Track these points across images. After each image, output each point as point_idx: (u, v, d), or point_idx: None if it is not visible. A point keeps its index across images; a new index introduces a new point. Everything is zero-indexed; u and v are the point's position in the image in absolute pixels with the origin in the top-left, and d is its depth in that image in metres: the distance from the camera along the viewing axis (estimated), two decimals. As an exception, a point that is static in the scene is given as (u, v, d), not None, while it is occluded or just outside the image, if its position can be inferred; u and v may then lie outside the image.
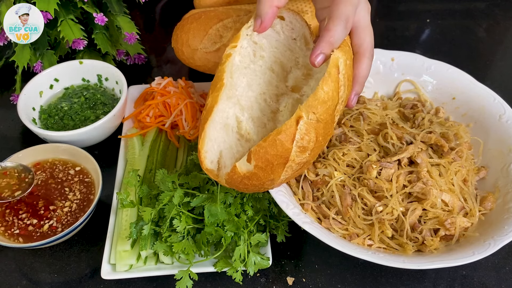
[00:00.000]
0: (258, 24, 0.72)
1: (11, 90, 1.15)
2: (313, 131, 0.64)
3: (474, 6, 1.52)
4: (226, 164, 0.71)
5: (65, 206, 0.87)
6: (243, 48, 0.76)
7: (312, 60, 0.65)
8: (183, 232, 0.79)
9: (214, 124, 0.72)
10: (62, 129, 1.02)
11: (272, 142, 0.63)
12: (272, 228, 0.85)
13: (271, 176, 0.66)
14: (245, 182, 0.67)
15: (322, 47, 0.65)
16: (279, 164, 0.65)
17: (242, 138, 0.74)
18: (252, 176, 0.66)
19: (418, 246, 0.79)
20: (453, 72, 1.01)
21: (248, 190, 0.72)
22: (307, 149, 0.65)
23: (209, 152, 0.72)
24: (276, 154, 0.63)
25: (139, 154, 0.97)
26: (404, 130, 0.88)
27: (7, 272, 0.84)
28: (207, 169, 0.71)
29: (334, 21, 0.65)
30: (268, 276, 0.83)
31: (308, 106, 0.63)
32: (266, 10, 0.70)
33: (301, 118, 0.62)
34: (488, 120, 0.94)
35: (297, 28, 0.80)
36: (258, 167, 0.64)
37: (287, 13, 0.79)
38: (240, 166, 0.65)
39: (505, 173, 0.87)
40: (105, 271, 0.79)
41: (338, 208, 0.82)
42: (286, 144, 0.63)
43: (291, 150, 0.63)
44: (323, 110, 0.64)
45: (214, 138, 0.72)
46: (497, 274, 0.83)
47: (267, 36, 0.78)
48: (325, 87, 0.64)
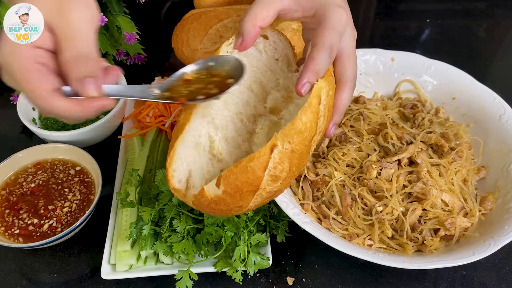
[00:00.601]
0: (239, 43, 0.69)
1: (11, 90, 1.15)
2: (287, 160, 0.61)
3: (474, 6, 1.52)
4: (195, 185, 0.68)
5: (65, 206, 0.87)
6: None
7: (298, 90, 0.62)
8: (183, 232, 0.79)
9: (185, 142, 0.69)
10: (61, 129, 1.02)
11: (243, 168, 0.60)
12: (272, 228, 0.85)
13: (239, 202, 0.63)
14: (212, 206, 0.64)
15: (308, 77, 0.62)
16: (249, 191, 0.62)
17: (214, 158, 0.71)
18: (220, 201, 0.63)
19: (418, 246, 0.79)
20: (453, 72, 1.01)
21: (215, 214, 0.69)
22: (279, 179, 0.62)
23: (177, 171, 0.68)
24: (247, 181, 0.60)
25: (139, 154, 0.97)
26: (404, 130, 0.88)
27: (7, 272, 0.84)
28: (174, 189, 0.67)
29: (318, 49, 0.63)
30: (268, 276, 0.83)
31: (284, 135, 0.60)
32: (249, 29, 0.67)
33: (275, 147, 0.59)
34: (488, 120, 0.94)
35: (280, 48, 0.77)
36: (226, 192, 0.61)
37: (271, 33, 0.76)
38: (208, 190, 0.62)
39: (505, 173, 0.87)
40: (105, 271, 0.79)
41: (338, 208, 0.82)
42: (257, 172, 0.60)
43: (263, 178, 0.60)
44: (299, 141, 0.61)
45: (183, 157, 0.69)
46: (497, 274, 0.83)
47: (248, 54, 0.75)
48: (303, 118, 0.61)
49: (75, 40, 0.54)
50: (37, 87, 0.53)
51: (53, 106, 0.53)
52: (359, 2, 1.54)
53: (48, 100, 0.53)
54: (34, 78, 0.53)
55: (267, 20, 0.67)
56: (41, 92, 0.53)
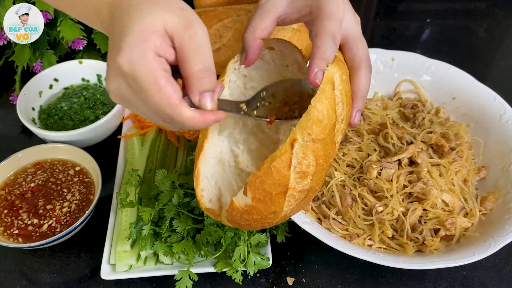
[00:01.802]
0: (243, 58, 0.68)
1: (11, 90, 1.15)
2: (311, 153, 0.58)
3: (474, 6, 1.52)
4: (227, 202, 0.66)
5: (64, 206, 0.87)
6: (231, 82, 0.72)
7: (312, 80, 0.61)
8: (183, 233, 0.79)
9: (207, 159, 0.67)
10: (61, 129, 1.02)
11: (267, 170, 0.57)
12: (272, 228, 0.85)
13: (272, 208, 0.60)
14: (245, 218, 0.61)
15: (317, 64, 0.61)
16: (279, 193, 0.59)
17: (242, 172, 0.69)
18: (252, 210, 0.60)
19: (418, 246, 0.79)
20: (453, 72, 1.01)
21: (252, 227, 0.65)
22: (307, 174, 0.59)
23: (206, 190, 0.66)
24: (274, 183, 0.58)
25: (139, 154, 0.97)
26: (404, 130, 0.88)
27: (7, 272, 0.84)
28: (206, 209, 0.66)
29: (321, 37, 0.62)
30: (268, 277, 0.83)
31: (302, 127, 0.58)
32: (250, 43, 0.66)
33: (295, 141, 0.57)
34: (489, 120, 0.94)
35: (287, 55, 0.75)
36: (256, 199, 0.59)
37: (276, 43, 0.74)
38: (238, 200, 0.60)
39: (505, 173, 0.87)
40: (104, 271, 0.79)
41: (338, 208, 0.82)
42: (282, 170, 0.57)
43: (289, 176, 0.58)
44: (319, 130, 0.59)
45: (209, 175, 0.67)
46: (497, 274, 0.83)
47: (256, 68, 0.74)
48: (318, 105, 0.59)
49: (203, 54, 0.55)
50: (168, 94, 0.53)
51: (182, 115, 0.54)
52: (359, 2, 1.54)
53: (178, 109, 0.54)
54: (165, 85, 0.52)
55: (266, 30, 0.67)
56: (173, 99, 0.53)
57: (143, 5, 0.54)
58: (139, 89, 0.53)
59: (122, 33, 0.53)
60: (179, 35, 0.54)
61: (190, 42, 0.54)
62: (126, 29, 0.53)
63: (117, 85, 0.55)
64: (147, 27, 0.52)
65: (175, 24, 0.54)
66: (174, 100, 0.53)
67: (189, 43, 0.54)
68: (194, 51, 0.54)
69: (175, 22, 0.54)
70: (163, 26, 0.53)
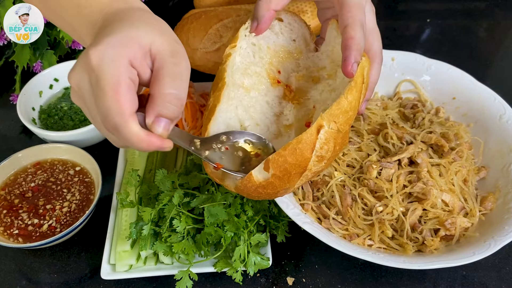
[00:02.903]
0: (254, 26, 0.70)
1: (11, 90, 1.15)
2: (332, 140, 0.62)
3: (474, 6, 1.52)
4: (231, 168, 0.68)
5: (64, 206, 0.87)
6: (242, 49, 0.74)
7: (349, 71, 0.62)
8: (183, 232, 0.79)
9: (217, 124, 0.69)
10: (61, 129, 1.02)
11: (292, 150, 0.60)
12: (272, 228, 0.85)
13: (286, 185, 0.64)
14: (259, 191, 0.64)
15: (355, 56, 0.62)
16: (297, 173, 0.62)
17: None
18: (268, 185, 0.63)
19: (418, 246, 0.79)
20: (453, 72, 1.01)
21: (260, 198, 0.69)
22: (324, 159, 0.63)
23: None
24: (295, 163, 0.61)
25: (139, 154, 0.97)
26: (404, 130, 0.88)
27: (7, 272, 0.84)
28: (212, 172, 0.68)
29: (354, 27, 0.63)
30: (268, 276, 0.83)
31: (331, 115, 0.61)
32: (263, 12, 0.68)
33: (322, 127, 0.60)
34: (489, 120, 0.94)
35: (296, 29, 0.78)
36: (275, 176, 0.62)
37: (286, 15, 0.78)
38: (256, 175, 0.63)
39: (505, 173, 0.87)
40: (105, 271, 0.79)
41: (338, 208, 0.82)
42: (306, 153, 0.60)
43: (310, 159, 0.61)
44: (344, 120, 0.62)
45: None
46: (497, 274, 0.83)
47: (265, 37, 0.77)
48: (349, 96, 0.62)
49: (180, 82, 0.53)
50: (123, 102, 0.50)
51: (129, 128, 0.51)
52: (359, 2, 1.53)
53: (127, 120, 0.51)
54: (124, 92, 0.50)
55: (282, 3, 0.68)
56: (125, 108, 0.50)
57: (139, 22, 0.54)
58: (97, 88, 0.50)
59: (107, 33, 0.51)
60: (162, 57, 0.53)
61: (171, 68, 0.53)
62: (113, 32, 0.51)
63: (79, 78, 0.52)
64: (133, 38, 0.51)
65: (162, 48, 0.53)
66: (126, 110, 0.50)
67: (170, 68, 0.53)
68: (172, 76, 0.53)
69: (163, 46, 0.53)
70: (150, 45, 0.52)
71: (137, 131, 0.52)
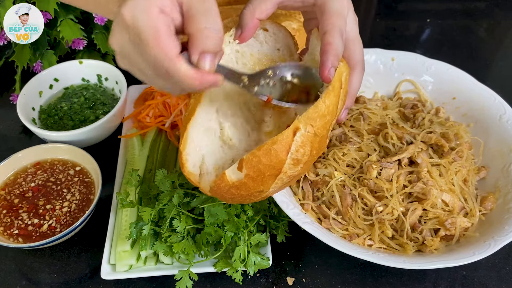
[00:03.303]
0: (238, 34, 0.70)
1: (11, 90, 1.15)
2: (308, 144, 0.61)
3: (474, 6, 1.52)
4: (209, 170, 0.68)
5: (64, 206, 0.87)
6: (226, 55, 0.73)
7: (326, 76, 0.63)
8: (183, 232, 0.79)
9: (197, 125, 0.69)
10: (61, 129, 1.02)
11: (266, 151, 0.60)
12: (272, 228, 0.85)
13: (260, 187, 0.63)
14: (232, 192, 0.64)
15: (332, 61, 0.63)
16: (271, 175, 0.62)
17: (225, 144, 0.71)
18: (241, 186, 0.62)
19: (418, 246, 0.79)
20: (453, 72, 1.01)
21: (234, 201, 0.68)
22: (300, 162, 0.62)
23: (191, 155, 0.68)
24: (270, 165, 0.61)
25: (139, 154, 0.97)
26: (404, 130, 0.88)
27: (7, 272, 0.84)
28: (189, 173, 0.67)
29: (332, 34, 0.64)
30: (268, 276, 0.83)
31: (307, 118, 0.61)
32: (247, 21, 0.68)
33: (298, 130, 0.60)
34: (489, 120, 0.94)
35: (280, 39, 0.77)
36: (249, 176, 0.61)
37: (271, 25, 0.77)
38: (230, 175, 0.62)
39: (505, 173, 0.87)
40: (105, 271, 0.79)
41: (338, 208, 0.82)
42: (280, 155, 0.60)
43: (285, 161, 0.61)
44: (321, 124, 0.62)
45: (196, 141, 0.69)
46: (497, 274, 0.83)
47: (249, 45, 0.76)
48: (327, 101, 0.62)
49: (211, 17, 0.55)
50: (167, 47, 0.53)
51: (178, 69, 0.54)
52: (359, 2, 1.54)
53: (175, 62, 0.54)
54: (165, 37, 0.53)
55: (266, 12, 0.68)
56: (170, 52, 0.53)
57: None
58: (139, 42, 0.53)
59: None
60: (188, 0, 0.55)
61: (200, 6, 0.55)
62: None
63: (120, 40, 0.55)
64: None
65: None
66: (172, 54, 0.53)
67: (199, 6, 0.55)
68: (203, 12, 0.55)
69: None
70: None
71: (187, 69, 0.55)
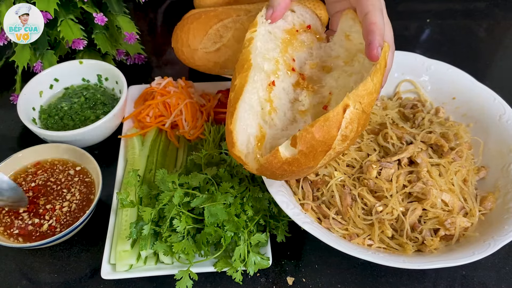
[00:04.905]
0: (269, 14, 0.74)
1: (11, 90, 1.15)
2: (356, 121, 0.64)
3: (474, 6, 1.52)
4: (251, 149, 0.69)
5: (64, 206, 0.87)
6: (261, 35, 0.78)
7: (374, 55, 0.65)
8: (183, 232, 0.79)
9: (244, 105, 0.71)
10: (62, 129, 1.02)
11: (319, 128, 0.62)
12: (272, 228, 0.85)
13: (311, 162, 0.65)
14: (284, 168, 0.65)
15: (379, 40, 0.65)
16: (322, 151, 0.64)
17: (266, 124, 0.73)
18: (294, 162, 0.64)
19: (418, 246, 0.79)
20: (453, 72, 1.01)
21: (283, 177, 0.70)
22: (347, 138, 0.65)
23: (240, 134, 0.69)
24: (322, 141, 0.63)
25: (139, 154, 0.97)
26: (404, 130, 0.88)
27: (7, 272, 0.84)
28: (239, 151, 0.68)
29: (375, 13, 0.67)
30: (268, 276, 0.83)
31: (357, 95, 0.63)
32: (279, 1, 0.73)
33: (348, 107, 0.62)
34: (488, 120, 0.94)
35: (308, 20, 0.82)
36: (302, 152, 0.63)
37: (298, 7, 0.81)
38: (283, 151, 0.64)
39: (505, 173, 0.87)
40: (105, 271, 0.79)
41: (338, 208, 0.82)
42: (332, 131, 0.62)
43: (336, 137, 0.63)
44: (368, 102, 0.64)
45: (243, 120, 0.70)
46: (497, 274, 0.83)
47: (279, 26, 0.80)
48: (375, 79, 0.64)
49: None
50: None
51: None
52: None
53: None
54: None
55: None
56: None
57: None
58: None
59: None
60: None
61: None
62: None
63: None
64: None
65: None
66: None
67: None
68: None
69: None
70: None
71: None
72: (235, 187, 0.83)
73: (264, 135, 0.72)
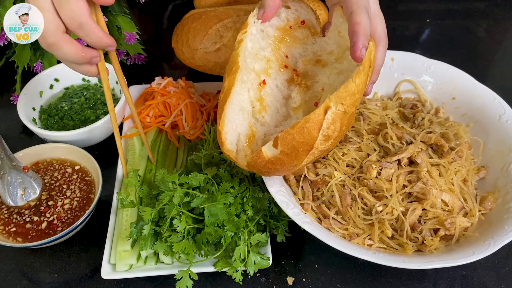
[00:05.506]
0: (260, 14, 0.74)
1: (11, 90, 1.15)
2: (338, 121, 0.65)
3: (474, 6, 1.52)
4: (244, 147, 0.73)
5: (65, 203, 0.87)
6: (252, 35, 0.78)
7: (358, 56, 0.65)
8: (183, 232, 0.79)
9: (232, 106, 0.73)
10: (62, 129, 1.02)
11: (300, 129, 0.64)
12: (272, 228, 0.85)
13: (294, 162, 0.67)
14: (268, 166, 0.68)
15: (363, 41, 0.65)
16: (304, 151, 0.66)
17: (257, 122, 0.75)
18: (276, 161, 0.67)
19: (418, 246, 0.79)
20: (453, 72, 1.01)
21: (270, 174, 0.73)
22: (330, 138, 0.66)
23: (229, 133, 0.72)
24: (302, 141, 0.65)
25: (139, 154, 0.97)
26: (404, 130, 0.88)
27: (7, 272, 0.84)
28: (228, 150, 0.72)
29: (359, 13, 0.66)
30: (268, 276, 0.83)
31: (338, 97, 0.64)
32: (269, 2, 0.72)
33: (329, 108, 0.64)
34: (488, 120, 0.94)
35: (302, 15, 0.82)
36: (283, 152, 0.66)
37: (292, 2, 0.81)
38: (266, 151, 0.67)
39: (505, 173, 0.87)
40: (105, 271, 0.79)
41: (338, 208, 0.82)
42: (313, 132, 0.64)
43: (317, 138, 0.65)
44: (351, 102, 0.65)
45: (233, 120, 0.73)
46: (496, 274, 0.83)
47: (271, 25, 0.81)
48: (357, 80, 0.65)
49: None
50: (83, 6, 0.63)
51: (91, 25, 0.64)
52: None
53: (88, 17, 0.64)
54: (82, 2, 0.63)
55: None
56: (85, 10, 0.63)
57: None
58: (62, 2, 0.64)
59: None
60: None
61: None
62: None
63: None
64: None
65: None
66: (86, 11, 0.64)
67: None
68: None
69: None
70: None
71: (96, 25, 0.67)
72: (235, 187, 0.83)
73: (254, 134, 0.74)
